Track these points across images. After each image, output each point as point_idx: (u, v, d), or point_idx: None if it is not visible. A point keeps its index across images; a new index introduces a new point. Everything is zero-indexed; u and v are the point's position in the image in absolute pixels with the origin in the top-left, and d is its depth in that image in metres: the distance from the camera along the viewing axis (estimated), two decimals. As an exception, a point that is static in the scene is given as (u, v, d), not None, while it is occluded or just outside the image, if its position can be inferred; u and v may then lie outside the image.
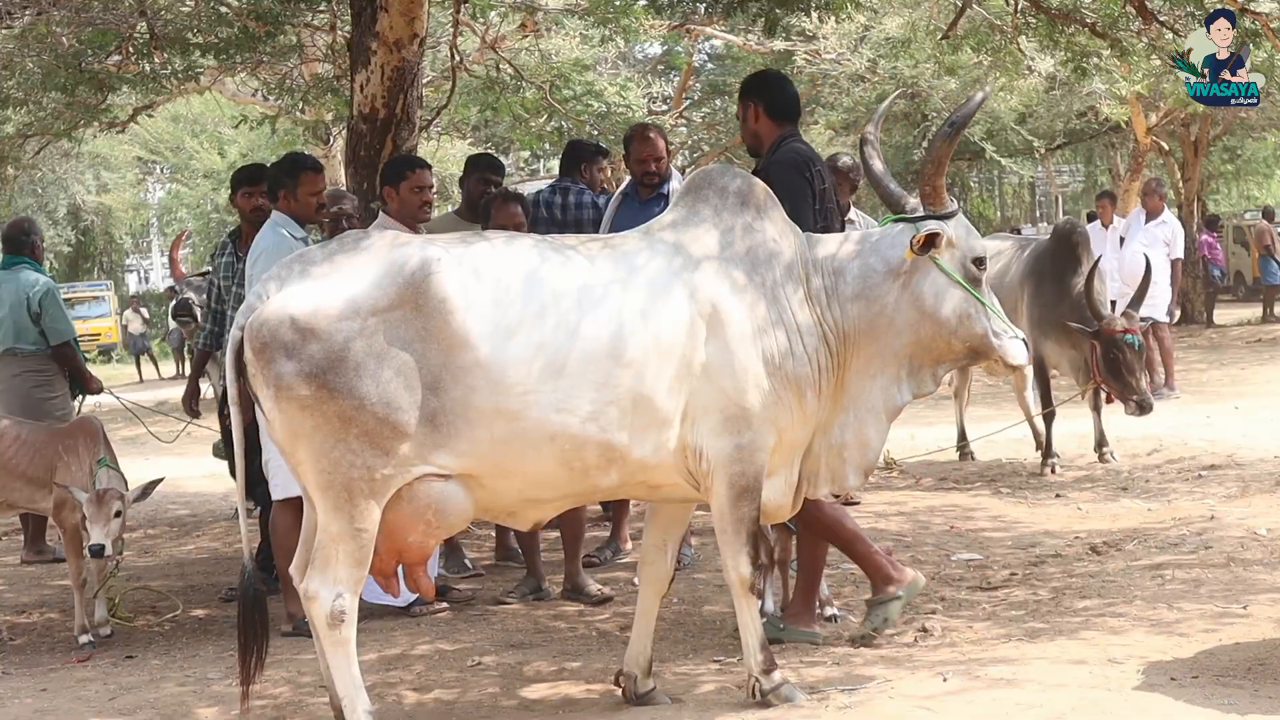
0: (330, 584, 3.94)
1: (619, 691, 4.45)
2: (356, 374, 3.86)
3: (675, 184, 6.60)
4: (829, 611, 5.40)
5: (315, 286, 3.93)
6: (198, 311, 8.24)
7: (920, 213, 4.34)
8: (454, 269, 3.98)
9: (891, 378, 4.37)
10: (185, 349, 26.53)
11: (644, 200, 6.56)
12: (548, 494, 4.16)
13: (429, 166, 6.26)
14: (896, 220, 4.39)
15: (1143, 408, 8.08)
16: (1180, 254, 12.74)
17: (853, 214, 7.37)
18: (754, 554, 4.27)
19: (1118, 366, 8.06)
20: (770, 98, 5.15)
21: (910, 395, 4.42)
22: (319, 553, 3.97)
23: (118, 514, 5.63)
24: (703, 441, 4.15)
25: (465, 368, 3.92)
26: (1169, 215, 12.45)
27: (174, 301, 9.81)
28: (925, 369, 4.41)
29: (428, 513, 4.01)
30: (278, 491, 5.83)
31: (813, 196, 4.92)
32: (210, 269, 8.65)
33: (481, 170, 7.08)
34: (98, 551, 5.60)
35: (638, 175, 6.52)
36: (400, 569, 4.21)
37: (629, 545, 6.87)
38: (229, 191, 8.17)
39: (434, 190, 6.20)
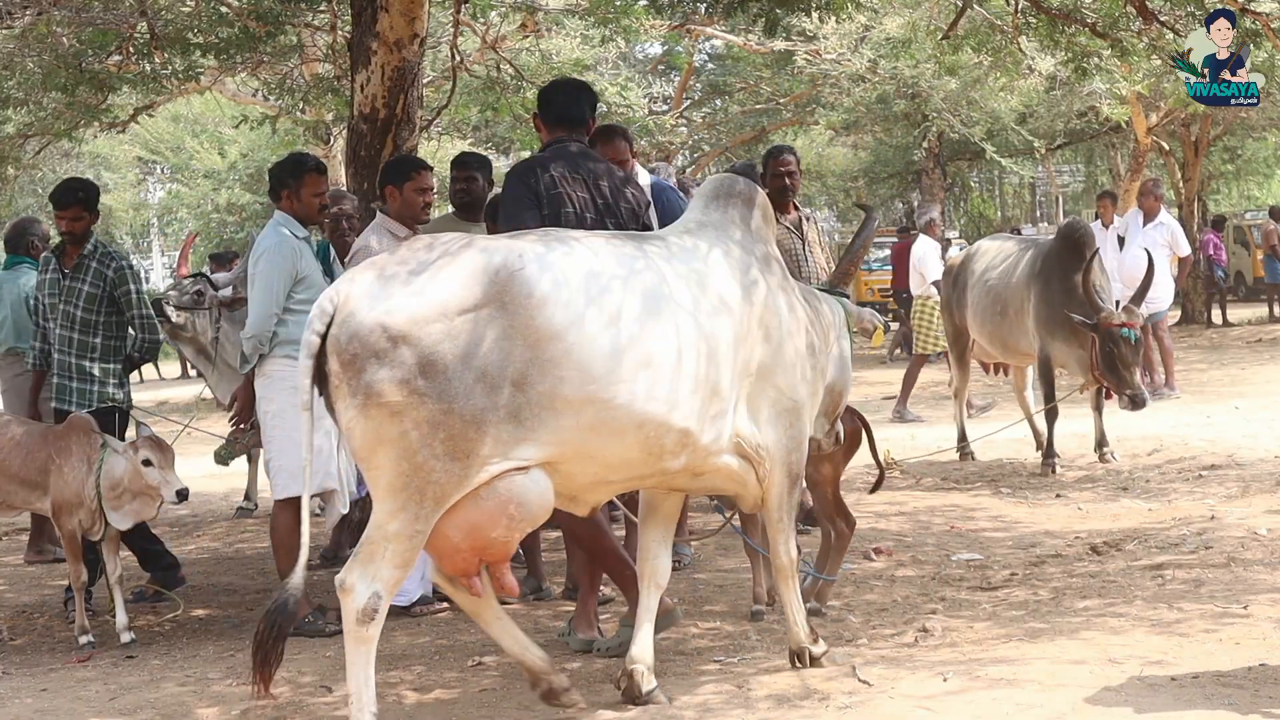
0: (370, 580, 3.93)
1: (620, 691, 4.46)
2: (445, 377, 3.87)
3: (643, 183, 6.56)
4: (756, 608, 5.52)
5: (401, 291, 3.91)
6: (170, 313, 8.24)
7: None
8: (538, 265, 4.05)
9: None
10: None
11: None
12: (619, 476, 4.31)
13: (430, 168, 6.27)
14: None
15: (1135, 402, 8.10)
16: (1187, 251, 12.75)
17: (807, 212, 7.53)
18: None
19: (1113, 360, 8.09)
20: (541, 107, 5.29)
21: None
22: (365, 548, 3.96)
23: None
24: (761, 433, 4.44)
25: (554, 360, 3.99)
26: (1166, 216, 12.45)
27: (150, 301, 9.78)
28: None
29: (509, 506, 4.04)
30: (278, 491, 5.83)
31: (536, 200, 4.92)
32: (191, 272, 8.65)
33: (457, 169, 7.06)
34: (185, 495, 5.68)
35: None
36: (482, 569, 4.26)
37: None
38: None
39: (434, 192, 6.20)
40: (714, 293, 4.34)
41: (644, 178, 6.65)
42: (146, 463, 5.65)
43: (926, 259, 12.30)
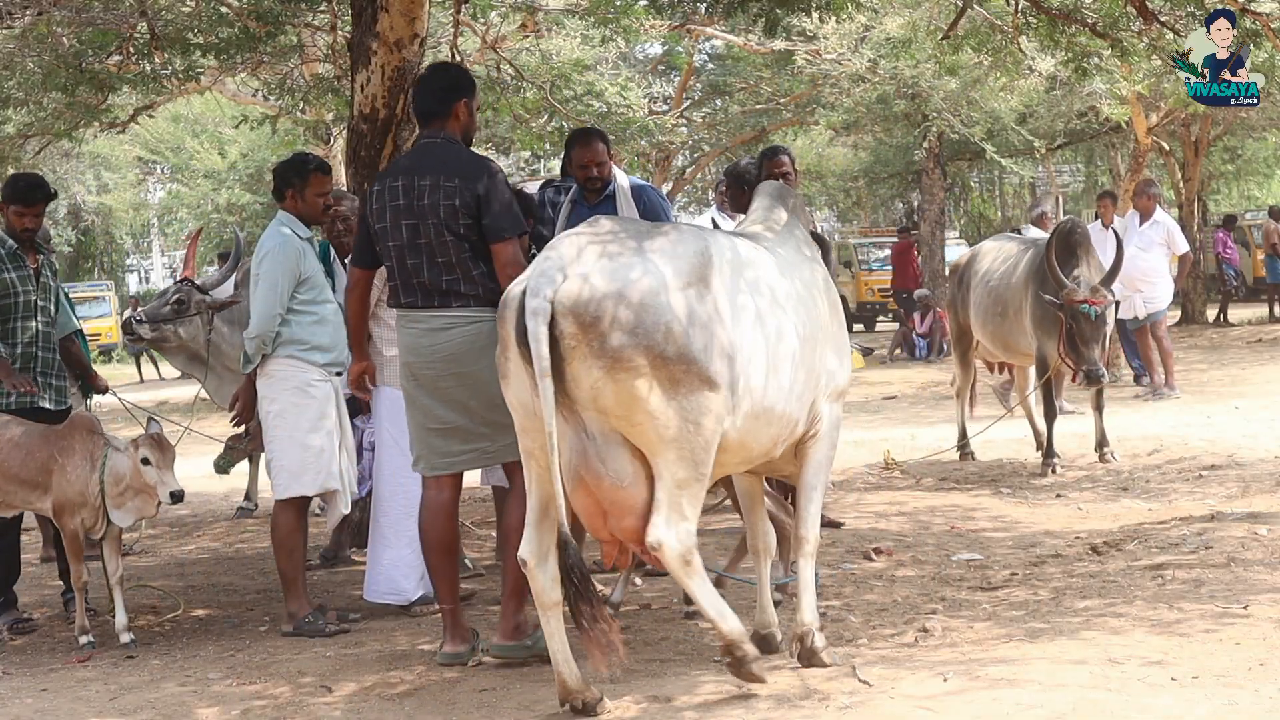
0: (674, 529, 4.16)
1: (795, 657, 4.70)
2: (679, 341, 4.13)
3: (622, 184, 6.54)
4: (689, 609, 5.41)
5: (631, 263, 4.18)
6: (143, 330, 8.12)
7: None
8: (720, 259, 4.35)
9: None
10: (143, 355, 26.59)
11: (591, 205, 6.48)
12: (740, 464, 4.61)
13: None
14: None
15: (1090, 378, 8.15)
16: (1185, 249, 12.74)
17: (713, 214, 7.63)
18: None
19: (1072, 336, 8.13)
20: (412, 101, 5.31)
21: None
22: (662, 504, 4.17)
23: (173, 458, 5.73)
24: (821, 411, 4.71)
25: (742, 345, 4.29)
26: (1161, 215, 12.46)
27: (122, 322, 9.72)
28: None
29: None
30: (280, 491, 5.83)
31: (363, 216, 5.20)
32: (181, 278, 8.56)
33: None
34: (179, 496, 5.66)
35: (580, 180, 6.43)
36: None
37: None
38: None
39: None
40: (805, 285, 4.67)
41: (622, 179, 6.61)
42: (145, 461, 5.65)
43: None
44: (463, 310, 4.93)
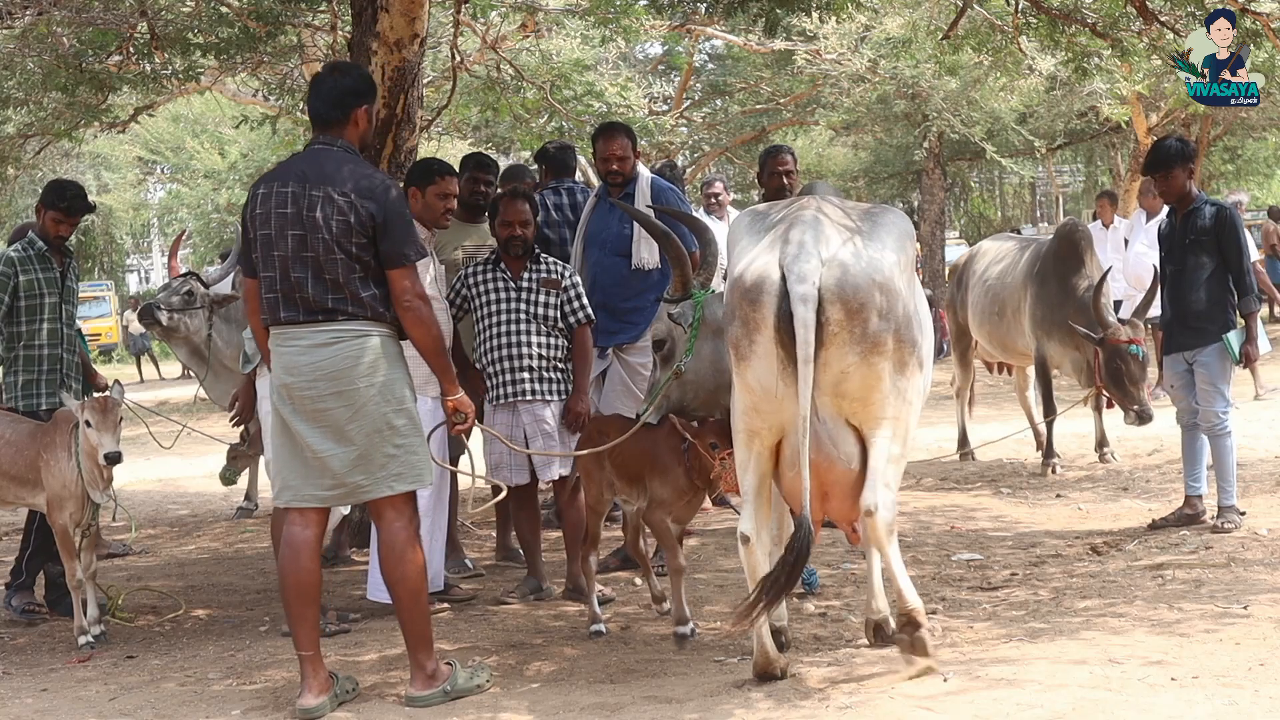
0: (887, 497, 4.35)
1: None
2: (914, 322, 4.41)
3: (643, 185, 6.58)
4: (680, 630, 5.24)
5: (873, 249, 4.35)
6: (161, 316, 8.18)
7: None
8: (911, 240, 4.67)
9: None
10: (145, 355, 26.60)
11: (613, 202, 6.55)
12: None
13: (456, 174, 6.22)
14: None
15: (1142, 418, 8.09)
16: None
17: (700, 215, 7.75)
18: None
19: (1120, 376, 8.07)
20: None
21: None
22: (877, 475, 4.34)
23: (119, 420, 5.67)
24: None
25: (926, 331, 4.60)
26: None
27: (140, 306, 9.74)
28: None
29: None
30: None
31: (245, 220, 4.71)
32: (181, 272, 8.60)
33: (471, 170, 7.08)
34: (115, 458, 5.61)
35: (601, 173, 6.52)
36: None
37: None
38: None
39: (456, 200, 6.17)
40: None
41: (644, 179, 6.66)
42: (87, 423, 5.68)
43: None
44: (348, 324, 4.49)
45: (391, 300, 4.52)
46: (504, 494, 5.50)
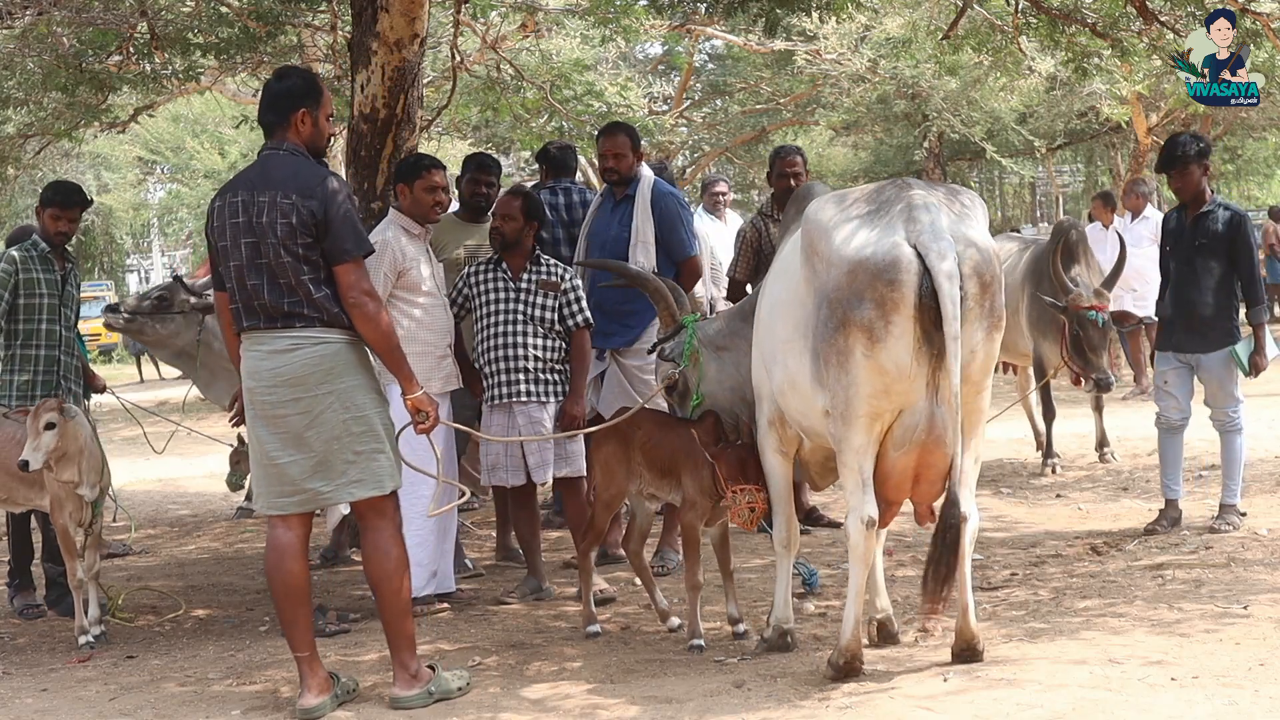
0: (973, 501, 4.48)
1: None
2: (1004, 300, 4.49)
3: (644, 188, 6.61)
4: (695, 643, 5.17)
5: (980, 228, 4.43)
6: (115, 319, 8.37)
7: None
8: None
9: None
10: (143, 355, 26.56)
11: (617, 201, 6.68)
12: None
13: (444, 167, 6.23)
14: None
15: (1100, 385, 8.05)
16: None
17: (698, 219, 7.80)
18: None
19: (1079, 343, 8.02)
20: None
21: None
22: (967, 478, 4.43)
23: (50, 426, 5.57)
24: None
25: None
26: (1151, 211, 12.46)
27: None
28: None
29: None
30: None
31: (207, 234, 4.79)
32: (174, 276, 8.71)
33: (472, 171, 7.09)
34: (22, 466, 5.57)
35: (600, 170, 6.60)
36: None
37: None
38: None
39: (447, 192, 6.19)
40: None
41: (646, 182, 6.67)
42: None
43: None
44: (307, 331, 4.48)
45: (338, 296, 4.51)
46: (466, 497, 5.51)
